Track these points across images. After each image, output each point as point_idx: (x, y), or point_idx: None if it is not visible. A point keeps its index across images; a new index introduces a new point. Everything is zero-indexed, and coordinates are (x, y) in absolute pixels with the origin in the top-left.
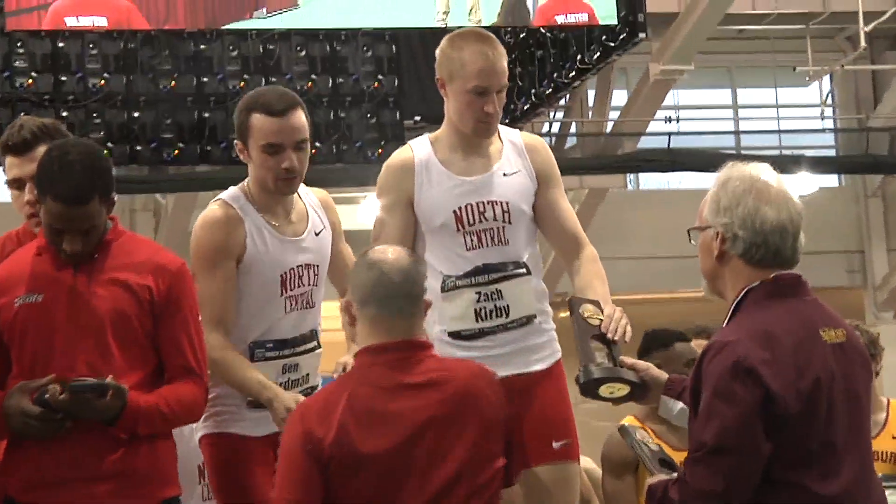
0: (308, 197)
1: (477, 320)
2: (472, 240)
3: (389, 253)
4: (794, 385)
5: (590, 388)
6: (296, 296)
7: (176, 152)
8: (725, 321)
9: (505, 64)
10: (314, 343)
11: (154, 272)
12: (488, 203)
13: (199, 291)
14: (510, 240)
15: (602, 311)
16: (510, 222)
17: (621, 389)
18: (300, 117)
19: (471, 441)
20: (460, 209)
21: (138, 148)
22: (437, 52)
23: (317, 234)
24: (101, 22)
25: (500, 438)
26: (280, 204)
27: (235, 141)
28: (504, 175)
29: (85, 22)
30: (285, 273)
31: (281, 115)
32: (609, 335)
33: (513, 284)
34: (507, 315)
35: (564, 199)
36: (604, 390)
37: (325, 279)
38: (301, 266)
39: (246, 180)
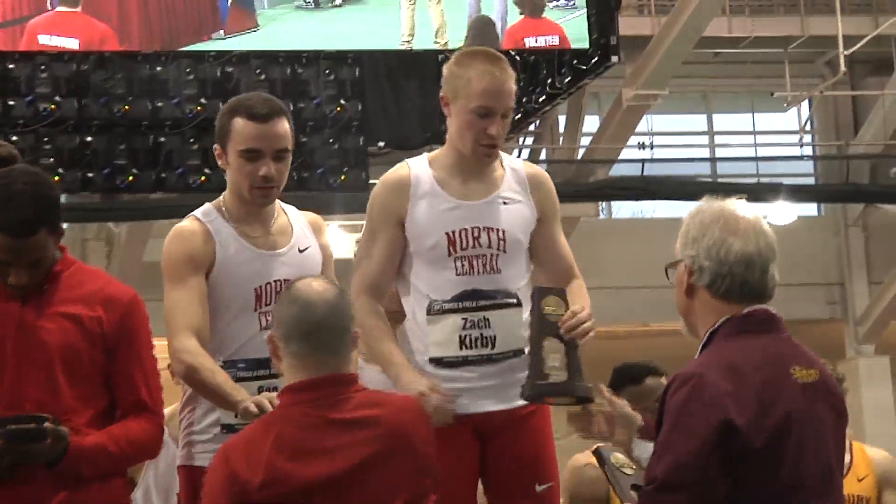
0: (295, 214)
1: (461, 347)
2: (463, 265)
3: (315, 285)
4: (759, 421)
5: (534, 399)
6: (272, 312)
7: (130, 179)
8: (697, 356)
9: (513, 86)
10: None
11: (104, 304)
12: (484, 229)
13: (171, 301)
14: (503, 269)
15: (566, 306)
16: (505, 251)
17: (570, 400)
18: (283, 125)
19: (406, 479)
20: (453, 232)
21: (91, 174)
22: (444, 69)
23: (301, 251)
24: (72, 44)
25: (432, 473)
26: (257, 215)
27: (214, 145)
28: (504, 203)
29: (57, 42)
30: (260, 287)
31: (263, 120)
32: (567, 335)
33: (502, 314)
34: (493, 345)
35: (562, 235)
36: (550, 399)
37: None
38: (280, 281)
39: (222, 195)
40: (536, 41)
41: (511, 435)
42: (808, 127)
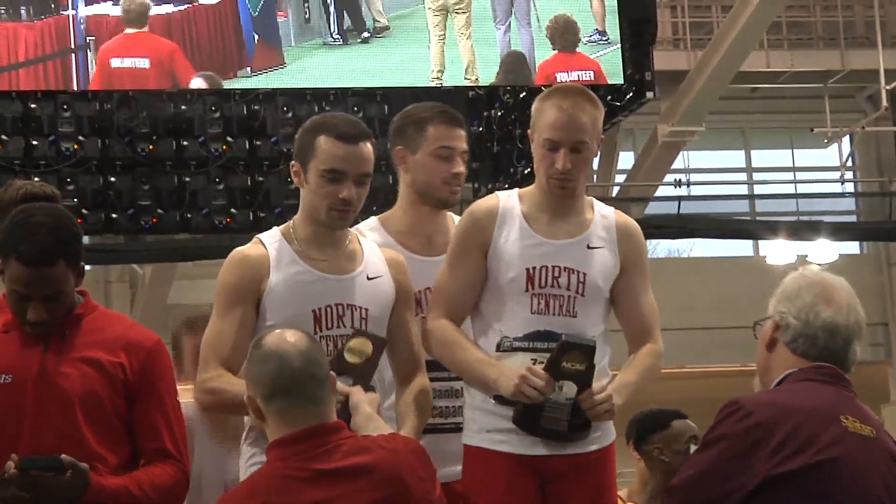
0: (370, 245)
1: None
2: (539, 303)
3: (286, 336)
4: (800, 453)
5: (524, 430)
6: (334, 336)
7: (154, 220)
8: None
9: (586, 120)
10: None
11: (127, 349)
12: (565, 270)
13: (209, 332)
14: (579, 313)
15: (589, 362)
16: (583, 294)
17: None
18: (368, 149)
19: None
20: (534, 269)
21: (114, 215)
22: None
23: (370, 279)
24: (143, 63)
25: None
26: (327, 238)
27: (292, 162)
28: (588, 247)
29: (129, 63)
30: (319, 309)
31: (351, 141)
32: (586, 410)
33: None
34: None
35: (648, 292)
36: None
37: (380, 326)
38: (342, 305)
39: (293, 218)
40: (569, 76)
41: (574, 480)
42: (849, 163)
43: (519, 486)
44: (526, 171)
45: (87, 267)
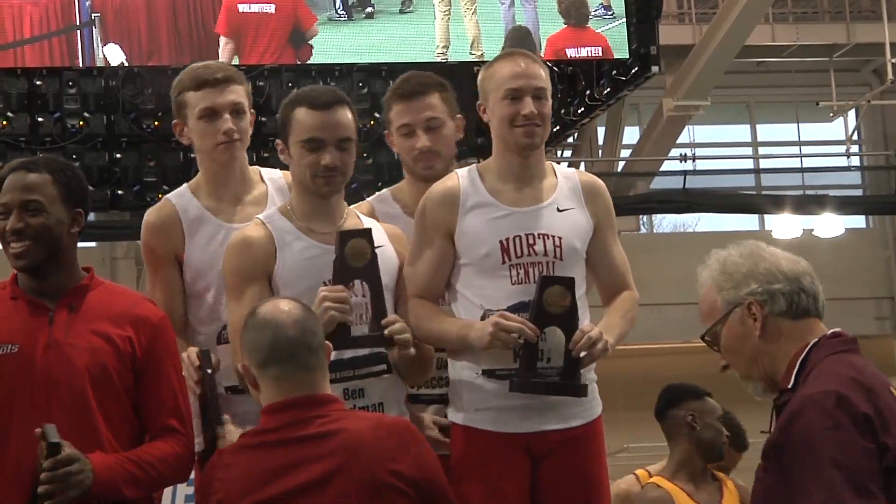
0: (371, 221)
1: (515, 360)
2: (518, 273)
3: (281, 305)
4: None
5: (523, 392)
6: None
7: (160, 196)
8: (790, 384)
9: (541, 71)
10: (382, 366)
11: (135, 324)
12: (539, 236)
13: (230, 320)
14: None
15: (571, 295)
16: (561, 259)
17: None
18: (346, 114)
19: (355, 498)
20: (507, 240)
21: (120, 192)
22: (478, 84)
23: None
24: (269, 8)
25: (392, 498)
26: (324, 211)
27: (277, 141)
28: (558, 210)
29: (256, 8)
30: (329, 282)
31: (325, 108)
32: (574, 352)
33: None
34: (549, 359)
35: (618, 245)
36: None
37: (388, 293)
38: None
39: (290, 197)
40: (578, 52)
41: (565, 456)
42: (854, 137)
43: (510, 465)
44: None
45: (93, 244)
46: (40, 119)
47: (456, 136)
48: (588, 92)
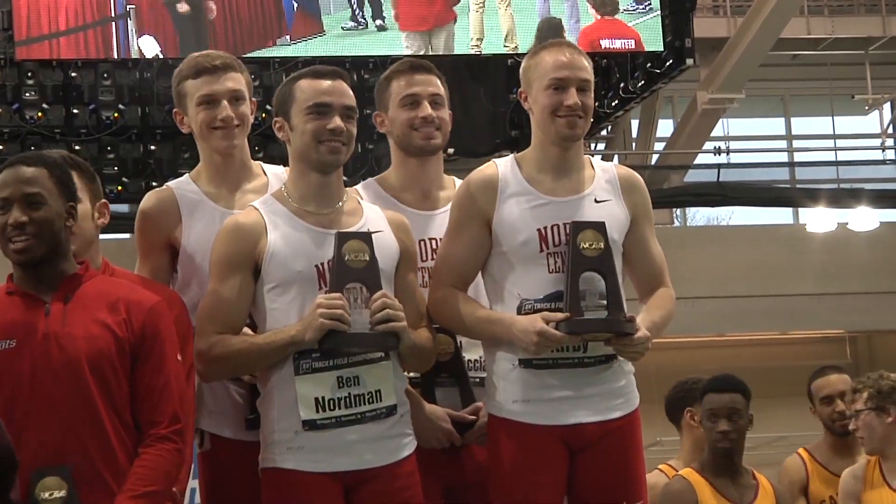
0: (370, 206)
1: (552, 349)
2: (555, 262)
3: None
4: None
5: (573, 335)
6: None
7: None
8: None
9: (586, 63)
10: (380, 353)
11: (128, 308)
12: None
13: (206, 299)
14: None
15: (604, 239)
16: None
17: (608, 336)
18: (348, 88)
19: None
20: (545, 228)
21: (154, 183)
22: (520, 72)
23: (372, 233)
24: None
25: None
26: (323, 194)
27: (274, 119)
28: (596, 201)
29: None
30: (322, 265)
31: (330, 77)
32: (626, 354)
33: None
34: (585, 349)
35: (654, 240)
36: (588, 335)
37: (386, 281)
38: None
39: (284, 182)
40: (613, 43)
41: (602, 449)
42: (890, 130)
43: (548, 458)
44: None
45: (127, 235)
46: (75, 111)
47: (448, 126)
48: (622, 84)
